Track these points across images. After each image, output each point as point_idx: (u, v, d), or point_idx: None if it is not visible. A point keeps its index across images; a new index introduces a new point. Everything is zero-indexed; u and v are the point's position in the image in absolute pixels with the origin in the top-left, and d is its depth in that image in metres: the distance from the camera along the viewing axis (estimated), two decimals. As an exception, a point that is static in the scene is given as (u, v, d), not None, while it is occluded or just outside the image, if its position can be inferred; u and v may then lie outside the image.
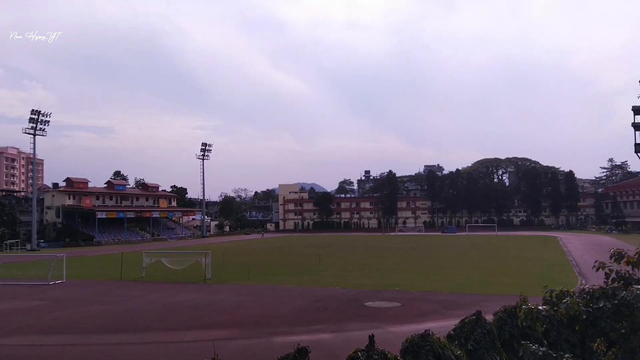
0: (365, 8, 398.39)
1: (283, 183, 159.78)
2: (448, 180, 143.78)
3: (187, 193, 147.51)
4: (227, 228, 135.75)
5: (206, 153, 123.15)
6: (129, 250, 65.16)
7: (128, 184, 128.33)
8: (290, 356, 7.27)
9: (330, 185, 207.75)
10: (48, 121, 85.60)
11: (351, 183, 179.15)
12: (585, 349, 8.25)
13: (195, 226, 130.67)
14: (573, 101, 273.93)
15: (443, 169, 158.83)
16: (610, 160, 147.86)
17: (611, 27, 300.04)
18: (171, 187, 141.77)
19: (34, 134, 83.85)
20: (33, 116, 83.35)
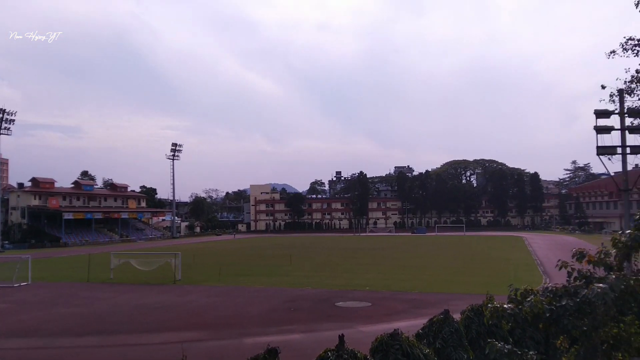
0: (335, 10, 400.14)
1: (254, 184, 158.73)
2: (418, 181, 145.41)
3: (157, 193, 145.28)
4: (198, 229, 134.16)
5: (176, 153, 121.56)
6: (97, 251, 63.76)
7: (96, 184, 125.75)
8: (260, 357, 7.28)
9: (301, 186, 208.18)
10: (13, 120, 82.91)
11: (322, 184, 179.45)
12: (548, 346, 8.50)
13: (165, 227, 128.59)
14: (538, 105, 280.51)
15: (413, 170, 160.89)
16: (573, 162, 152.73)
17: (575, 33, 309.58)
18: (140, 188, 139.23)
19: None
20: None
